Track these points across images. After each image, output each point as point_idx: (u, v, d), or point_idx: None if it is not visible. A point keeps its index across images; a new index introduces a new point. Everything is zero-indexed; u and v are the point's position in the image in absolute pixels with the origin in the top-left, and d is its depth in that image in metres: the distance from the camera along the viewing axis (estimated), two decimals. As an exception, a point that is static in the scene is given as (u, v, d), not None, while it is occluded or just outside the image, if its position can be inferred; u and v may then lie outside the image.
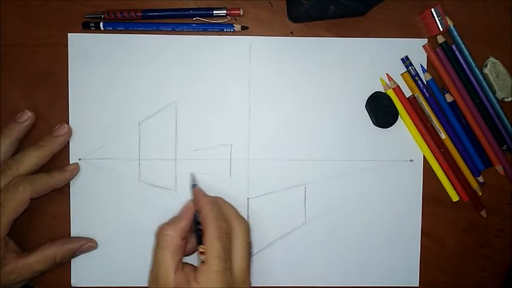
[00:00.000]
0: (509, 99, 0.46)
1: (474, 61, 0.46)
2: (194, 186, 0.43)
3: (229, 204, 0.42)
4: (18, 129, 0.44)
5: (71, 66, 0.45)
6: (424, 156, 0.47)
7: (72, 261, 0.46)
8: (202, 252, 0.38)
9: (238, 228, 0.40)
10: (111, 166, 0.46)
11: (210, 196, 0.43)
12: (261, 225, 0.46)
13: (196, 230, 0.40)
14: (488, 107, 0.46)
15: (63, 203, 0.46)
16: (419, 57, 0.46)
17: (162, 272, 0.38)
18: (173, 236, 0.39)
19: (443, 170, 0.47)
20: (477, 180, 0.47)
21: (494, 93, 0.46)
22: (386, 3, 0.45)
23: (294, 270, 0.47)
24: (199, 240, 0.39)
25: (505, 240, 0.48)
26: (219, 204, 0.41)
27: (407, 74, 0.46)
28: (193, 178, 0.44)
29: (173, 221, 0.40)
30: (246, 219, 0.45)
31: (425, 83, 0.46)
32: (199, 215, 0.40)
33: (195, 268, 0.39)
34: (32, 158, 0.43)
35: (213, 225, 0.39)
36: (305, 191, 0.47)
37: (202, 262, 0.38)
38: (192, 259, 0.41)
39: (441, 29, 0.45)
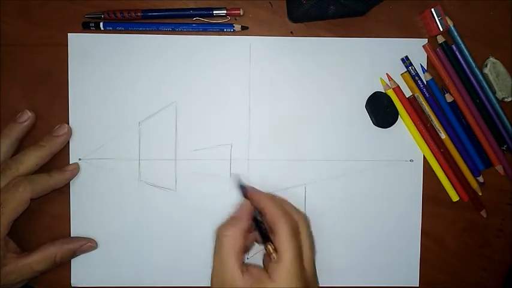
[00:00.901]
0: (509, 99, 0.46)
1: (474, 61, 0.46)
2: (242, 186, 0.43)
3: (282, 197, 0.42)
4: (18, 129, 0.44)
5: (71, 66, 0.45)
6: (424, 156, 0.47)
7: (72, 261, 0.46)
8: (272, 252, 0.38)
9: (302, 224, 0.40)
10: (111, 166, 0.46)
11: (267, 193, 0.42)
12: (261, 225, 0.46)
13: (260, 229, 0.40)
14: (488, 107, 0.46)
15: (63, 203, 0.46)
16: (419, 57, 0.46)
17: (229, 275, 0.37)
18: (235, 237, 0.38)
19: (443, 170, 0.47)
20: (477, 180, 0.47)
21: (494, 93, 0.46)
22: (386, 3, 0.45)
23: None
24: (264, 239, 0.39)
25: (505, 240, 0.48)
26: (277, 199, 0.41)
27: (407, 74, 0.46)
28: (238, 178, 0.44)
29: (232, 221, 0.40)
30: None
31: (425, 83, 0.46)
32: (265, 215, 0.39)
33: (261, 268, 0.39)
34: (32, 158, 0.43)
35: (284, 224, 0.38)
36: (305, 191, 0.47)
37: (274, 260, 0.38)
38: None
39: (441, 29, 0.45)
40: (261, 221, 0.40)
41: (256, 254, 0.46)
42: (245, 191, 0.42)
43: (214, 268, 0.39)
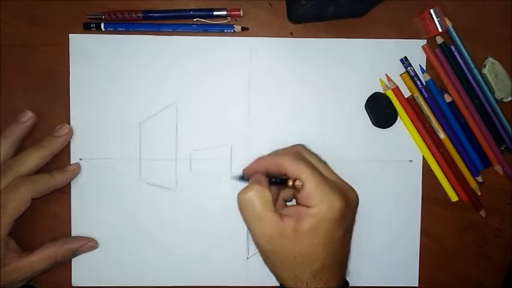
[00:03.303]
0: (508, 99, 0.47)
1: (473, 61, 0.46)
2: (241, 174, 0.44)
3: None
4: (19, 129, 0.44)
5: (72, 67, 0.46)
6: (423, 156, 0.47)
7: (73, 260, 0.46)
8: (294, 181, 0.39)
9: (300, 148, 0.42)
10: (112, 166, 0.46)
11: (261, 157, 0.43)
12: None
13: (276, 183, 0.40)
14: (487, 107, 0.47)
15: (64, 203, 0.46)
16: (419, 57, 0.46)
17: (272, 227, 0.38)
18: (261, 192, 0.39)
19: (442, 170, 0.47)
20: (476, 180, 0.48)
21: (493, 93, 0.46)
22: (386, 4, 0.45)
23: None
24: (283, 183, 0.40)
25: (504, 240, 0.48)
26: (271, 153, 0.43)
27: (406, 75, 0.46)
28: (236, 176, 0.45)
29: (252, 182, 0.40)
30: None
31: (424, 83, 0.46)
32: (270, 167, 0.41)
33: (294, 205, 0.40)
34: (33, 159, 0.43)
35: (285, 155, 0.40)
36: (305, 191, 0.47)
37: (301, 187, 0.38)
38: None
39: (440, 30, 0.45)
40: (272, 175, 0.41)
41: (256, 254, 0.46)
42: (245, 173, 0.44)
43: (255, 230, 0.39)
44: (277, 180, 0.40)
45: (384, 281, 0.48)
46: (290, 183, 0.39)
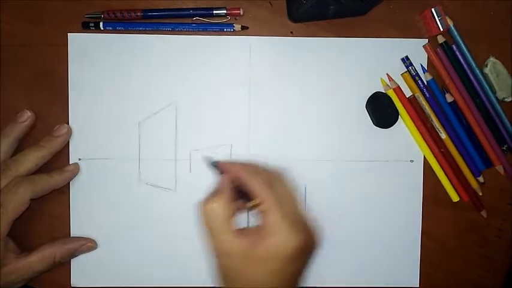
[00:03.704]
0: (510, 99, 0.46)
1: (474, 61, 0.46)
2: (215, 162, 0.43)
3: (257, 163, 0.43)
4: (18, 129, 0.44)
5: (71, 66, 0.45)
6: (424, 156, 0.47)
7: (72, 261, 0.46)
8: (256, 205, 0.38)
9: (277, 176, 0.40)
10: (111, 166, 0.46)
11: (238, 161, 0.43)
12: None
13: (240, 196, 0.40)
14: (489, 107, 0.46)
15: (62, 203, 0.46)
16: (420, 57, 0.46)
17: (227, 243, 0.37)
18: (222, 207, 0.38)
19: (443, 170, 0.47)
20: (477, 181, 0.47)
21: (494, 93, 0.46)
22: (387, 3, 0.45)
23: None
24: (247, 200, 0.39)
25: (505, 240, 0.48)
26: (247, 163, 0.42)
27: (407, 74, 0.46)
28: (208, 158, 0.44)
29: (215, 194, 0.39)
30: (246, 219, 0.45)
31: (425, 83, 0.46)
32: (240, 179, 0.40)
33: (256, 228, 0.38)
34: (32, 158, 0.43)
35: (257, 179, 0.39)
36: (305, 191, 0.47)
37: (262, 214, 0.38)
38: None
39: (441, 29, 0.44)
40: (238, 188, 0.40)
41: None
42: (218, 166, 0.43)
43: (211, 243, 0.39)
44: (243, 195, 0.40)
45: (384, 281, 0.48)
46: (253, 204, 0.39)
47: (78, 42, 0.45)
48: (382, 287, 0.48)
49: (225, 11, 0.45)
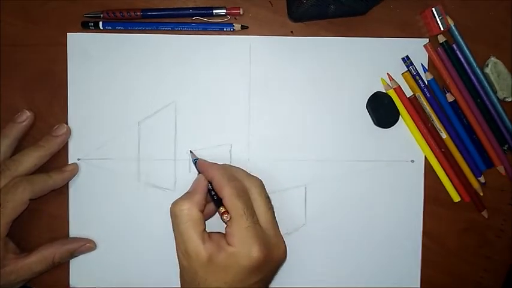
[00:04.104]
0: (510, 99, 0.46)
1: (475, 61, 0.46)
2: (196, 160, 0.43)
3: (236, 167, 0.43)
4: (17, 129, 0.44)
5: (70, 66, 0.45)
6: (425, 156, 0.47)
7: (71, 261, 0.46)
8: (224, 213, 0.39)
9: (253, 185, 0.41)
10: (110, 166, 0.46)
11: (216, 163, 0.43)
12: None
13: (213, 198, 0.40)
14: (490, 106, 0.46)
15: (62, 203, 0.46)
16: (420, 56, 0.46)
17: (191, 246, 0.38)
18: (190, 209, 0.39)
19: (444, 170, 0.47)
20: (478, 181, 0.47)
21: (495, 93, 0.46)
22: (387, 3, 0.45)
23: (294, 270, 0.46)
24: (219, 206, 0.39)
25: (505, 240, 0.48)
26: (227, 167, 0.42)
27: (408, 74, 0.46)
28: (192, 154, 0.45)
29: (187, 195, 0.40)
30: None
31: (426, 82, 0.46)
32: (213, 183, 0.40)
33: (223, 234, 0.39)
34: (31, 159, 0.43)
35: (229, 186, 0.39)
36: (305, 191, 0.46)
37: (228, 222, 0.38)
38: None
39: (442, 29, 0.44)
40: (213, 190, 0.41)
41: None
42: (198, 164, 0.43)
43: (177, 243, 0.39)
44: (215, 197, 0.40)
45: (385, 282, 0.47)
46: (220, 211, 0.39)
47: (77, 41, 0.45)
48: (382, 287, 0.47)
49: (224, 11, 0.45)
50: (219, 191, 0.40)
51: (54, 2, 0.45)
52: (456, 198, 0.47)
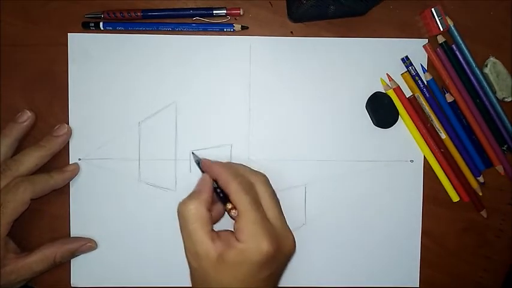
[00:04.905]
0: (510, 99, 0.46)
1: (474, 61, 0.46)
2: (199, 160, 0.44)
3: (239, 163, 0.43)
4: (18, 129, 0.44)
5: (71, 66, 0.45)
6: (424, 156, 0.47)
7: (72, 261, 0.46)
8: (232, 209, 0.39)
9: (258, 180, 0.41)
10: (111, 166, 0.46)
11: (221, 162, 0.43)
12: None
13: (219, 196, 0.41)
14: (489, 107, 0.46)
15: (63, 203, 0.46)
16: (420, 57, 0.46)
17: (200, 247, 0.38)
18: (198, 208, 0.38)
19: (443, 170, 0.47)
20: (477, 181, 0.47)
21: (494, 93, 0.46)
22: (387, 3, 0.45)
23: (294, 270, 0.46)
24: (225, 203, 0.40)
25: (505, 240, 0.48)
26: (231, 165, 0.42)
27: (407, 74, 0.46)
28: (194, 155, 0.45)
29: (193, 195, 0.40)
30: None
31: (425, 83, 0.46)
32: (218, 180, 0.40)
33: (231, 231, 0.39)
34: (32, 159, 0.43)
35: (234, 182, 0.39)
36: (305, 191, 0.47)
37: (236, 218, 0.38)
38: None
39: (441, 29, 0.44)
40: (218, 188, 0.41)
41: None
42: (200, 164, 0.43)
43: (186, 244, 0.39)
44: (221, 195, 0.41)
45: (384, 282, 0.47)
46: (227, 207, 0.39)
47: (78, 42, 0.45)
48: (382, 287, 0.48)
49: (225, 11, 0.45)
50: (225, 187, 0.40)
51: (55, 2, 0.45)
52: (455, 198, 0.47)
